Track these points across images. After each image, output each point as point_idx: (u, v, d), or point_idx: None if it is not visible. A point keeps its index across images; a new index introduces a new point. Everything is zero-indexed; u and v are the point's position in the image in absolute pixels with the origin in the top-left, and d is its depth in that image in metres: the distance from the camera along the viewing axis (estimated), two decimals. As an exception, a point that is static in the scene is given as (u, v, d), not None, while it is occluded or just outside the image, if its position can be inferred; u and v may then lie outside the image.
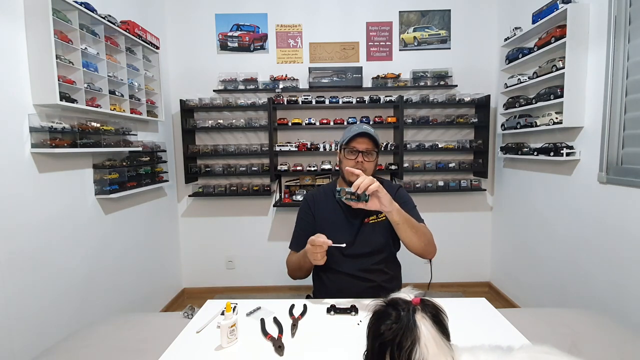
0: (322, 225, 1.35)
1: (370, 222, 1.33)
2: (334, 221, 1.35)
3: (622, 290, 1.61)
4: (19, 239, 1.41)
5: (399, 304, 0.60)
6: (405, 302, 0.60)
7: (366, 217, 1.33)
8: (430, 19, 2.73)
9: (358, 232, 1.32)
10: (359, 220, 1.33)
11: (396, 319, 0.58)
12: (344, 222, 1.34)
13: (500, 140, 2.64)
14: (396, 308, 0.59)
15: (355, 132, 1.26)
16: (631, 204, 1.55)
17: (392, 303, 0.61)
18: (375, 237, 1.32)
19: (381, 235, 1.33)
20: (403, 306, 0.59)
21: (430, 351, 0.54)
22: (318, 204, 1.40)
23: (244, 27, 2.74)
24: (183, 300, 2.88)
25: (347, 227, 1.33)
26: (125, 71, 1.98)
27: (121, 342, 0.99)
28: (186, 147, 2.65)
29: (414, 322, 0.56)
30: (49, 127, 1.50)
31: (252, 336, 0.93)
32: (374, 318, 0.61)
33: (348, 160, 1.28)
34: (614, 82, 1.64)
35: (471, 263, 2.93)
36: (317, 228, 1.34)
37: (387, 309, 0.60)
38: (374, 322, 0.61)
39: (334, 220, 1.35)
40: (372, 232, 1.32)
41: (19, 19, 1.43)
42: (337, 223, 1.34)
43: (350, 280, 1.31)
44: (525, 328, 0.95)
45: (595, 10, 1.75)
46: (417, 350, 0.54)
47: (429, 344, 0.54)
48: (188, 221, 2.90)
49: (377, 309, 0.62)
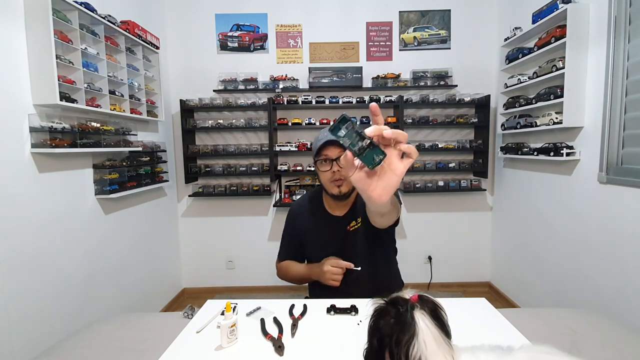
0: (307, 240, 1.31)
1: (352, 229, 1.24)
2: (319, 234, 1.28)
3: (622, 290, 1.61)
4: (19, 238, 1.41)
5: (398, 302, 0.60)
6: (404, 299, 0.60)
7: (348, 225, 1.25)
8: (430, 19, 2.73)
9: (344, 242, 1.25)
10: (343, 228, 1.25)
11: (395, 316, 0.58)
12: (328, 234, 1.27)
13: (500, 140, 2.64)
14: (395, 306, 0.60)
15: (321, 141, 1.16)
16: (631, 204, 1.55)
17: (392, 301, 0.61)
18: (362, 249, 1.24)
19: (365, 250, 1.23)
20: (402, 303, 0.60)
21: (429, 347, 0.54)
22: (300, 218, 1.35)
23: (244, 27, 2.74)
24: (183, 300, 2.88)
25: (333, 238, 1.26)
26: (125, 71, 1.98)
27: (121, 342, 0.99)
28: (186, 147, 2.65)
29: (411, 317, 0.56)
30: (49, 127, 1.50)
31: (252, 336, 0.93)
32: (374, 316, 0.62)
33: (324, 173, 1.18)
34: (614, 82, 1.64)
35: (471, 263, 2.93)
36: (303, 242, 1.32)
37: (386, 306, 0.61)
38: (374, 319, 0.62)
39: (318, 234, 1.29)
40: (356, 242, 1.24)
41: (19, 19, 1.43)
42: (322, 236, 1.28)
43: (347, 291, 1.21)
44: (525, 328, 0.94)
45: (595, 10, 1.75)
46: (415, 345, 0.54)
47: (428, 339, 0.54)
48: (188, 221, 2.90)
49: (377, 307, 0.62)
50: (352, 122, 0.51)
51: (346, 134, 0.51)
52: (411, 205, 2.86)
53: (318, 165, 1.20)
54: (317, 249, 1.29)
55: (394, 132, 0.51)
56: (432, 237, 2.89)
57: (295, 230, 1.36)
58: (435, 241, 2.91)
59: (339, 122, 0.51)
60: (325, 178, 1.19)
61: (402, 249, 3.14)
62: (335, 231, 1.26)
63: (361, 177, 0.55)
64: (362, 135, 0.51)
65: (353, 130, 0.51)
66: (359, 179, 0.56)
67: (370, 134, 0.50)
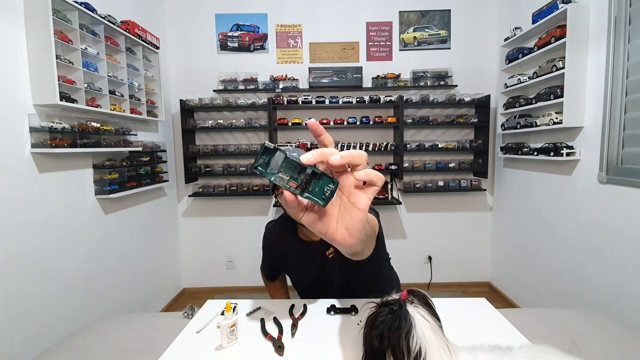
0: (286, 261, 1.25)
1: (331, 256, 1.13)
2: (297, 259, 1.21)
3: (622, 290, 1.61)
4: (19, 238, 1.41)
5: (390, 303, 0.64)
6: (395, 300, 0.64)
7: (326, 250, 1.14)
8: (430, 19, 2.73)
9: (323, 268, 1.16)
10: (321, 255, 1.15)
11: (390, 312, 0.62)
12: (305, 260, 1.18)
13: (500, 140, 2.64)
14: (388, 306, 0.63)
15: None
16: (631, 204, 1.55)
17: (384, 303, 0.65)
18: (343, 274, 1.14)
19: (348, 275, 1.14)
20: (393, 303, 0.63)
21: (427, 336, 0.55)
22: (276, 244, 1.27)
23: (244, 27, 2.74)
24: (183, 300, 2.88)
25: (311, 265, 1.17)
26: (125, 71, 1.98)
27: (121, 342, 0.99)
28: (186, 147, 2.65)
29: (406, 311, 0.59)
30: (49, 127, 1.50)
31: (252, 336, 0.93)
32: (370, 317, 0.65)
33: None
34: (614, 82, 1.64)
35: (471, 263, 2.93)
36: (281, 264, 1.29)
37: (380, 308, 0.64)
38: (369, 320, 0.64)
39: (296, 259, 1.21)
40: (337, 269, 1.14)
41: (19, 19, 1.43)
42: (300, 262, 1.20)
43: None
44: (525, 328, 0.95)
45: (595, 10, 1.75)
46: (414, 335, 0.55)
47: (425, 329, 0.56)
48: (188, 221, 2.90)
49: (371, 311, 0.66)
50: (281, 151, 0.38)
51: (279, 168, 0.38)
52: (411, 205, 2.86)
53: None
54: (297, 273, 1.26)
55: (344, 155, 0.38)
56: (432, 237, 2.89)
57: (272, 252, 1.31)
58: (435, 241, 2.90)
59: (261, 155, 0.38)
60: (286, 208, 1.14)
61: (402, 249, 3.13)
62: (312, 258, 1.17)
63: (314, 219, 0.42)
64: (301, 165, 0.37)
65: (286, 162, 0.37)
66: (312, 222, 0.42)
67: (308, 161, 0.37)
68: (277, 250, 1.27)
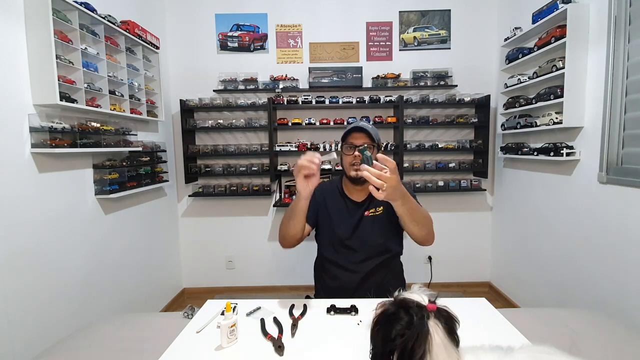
0: (324, 214, 1.38)
1: (370, 215, 1.35)
2: (336, 212, 1.38)
3: (622, 290, 1.61)
4: (19, 238, 1.41)
5: (410, 307, 0.56)
6: (419, 306, 0.56)
7: (366, 210, 1.35)
8: (430, 19, 2.73)
9: (358, 224, 1.35)
10: (360, 213, 1.35)
11: (408, 325, 0.55)
12: (345, 214, 1.37)
13: (500, 140, 2.64)
14: (408, 312, 0.56)
15: (350, 127, 1.32)
16: (631, 204, 1.55)
17: (403, 305, 0.57)
18: (374, 235, 1.34)
19: (379, 236, 1.34)
20: (416, 310, 0.56)
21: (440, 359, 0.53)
22: (325, 193, 1.42)
23: (244, 27, 2.74)
24: (183, 300, 2.88)
25: (348, 219, 1.36)
26: (125, 71, 1.98)
27: (121, 342, 0.99)
28: (186, 147, 2.65)
29: (427, 331, 0.53)
30: (49, 127, 1.50)
31: (252, 336, 0.93)
32: (384, 320, 0.58)
33: (347, 156, 1.32)
34: (614, 82, 1.64)
35: (471, 263, 2.93)
36: (320, 215, 1.39)
37: (398, 311, 0.57)
38: (384, 324, 0.58)
39: (336, 211, 1.38)
40: (370, 227, 1.34)
41: (19, 19, 1.43)
42: (339, 214, 1.37)
43: (350, 276, 1.33)
44: (525, 328, 0.95)
45: (595, 10, 1.75)
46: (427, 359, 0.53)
47: (440, 352, 0.53)
48: (188, 221, 2.90)
49: (386, 310, 0.59)
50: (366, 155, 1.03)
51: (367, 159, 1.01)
52: (411, 205, 2.85)
53: (343, 149, 1.33)
54: (330, 224, 1.37)
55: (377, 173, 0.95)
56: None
57: (319, 199, 1.41)
58: (435, 241, 2.88)
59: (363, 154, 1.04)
60: (347, 162, 1.31)
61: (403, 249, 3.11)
62: (351, 212, 1.36)
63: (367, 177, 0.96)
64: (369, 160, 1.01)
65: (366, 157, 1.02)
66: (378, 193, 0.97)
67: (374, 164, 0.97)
68: (324, 200, 1.41)
